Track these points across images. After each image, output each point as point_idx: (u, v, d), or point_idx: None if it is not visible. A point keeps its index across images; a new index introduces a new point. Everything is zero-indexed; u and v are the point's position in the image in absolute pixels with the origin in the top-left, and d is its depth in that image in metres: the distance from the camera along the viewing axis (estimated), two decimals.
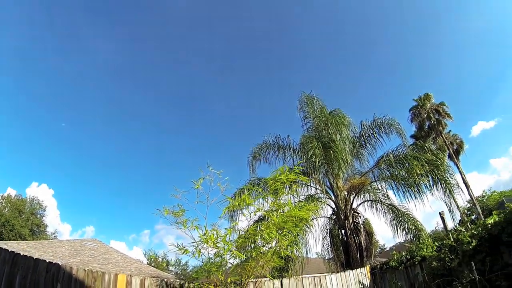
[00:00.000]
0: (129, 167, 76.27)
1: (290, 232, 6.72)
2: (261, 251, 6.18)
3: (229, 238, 6.41)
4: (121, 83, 64.34)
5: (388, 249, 65.46)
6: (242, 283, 6.71)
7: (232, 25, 63.45)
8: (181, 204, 6.57)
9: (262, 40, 66.70)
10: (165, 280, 6.64)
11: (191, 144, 74.90)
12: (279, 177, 6.72)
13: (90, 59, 59.26)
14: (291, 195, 13.26)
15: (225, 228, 6.44)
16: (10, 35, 46.80)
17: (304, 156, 13.83)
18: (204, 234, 6.40)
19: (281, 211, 6.93)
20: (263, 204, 7.22)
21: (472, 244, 7.65)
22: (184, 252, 6.60)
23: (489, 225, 7.39)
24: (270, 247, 6.48)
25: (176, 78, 67.18)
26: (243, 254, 6.58)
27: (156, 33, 62.05)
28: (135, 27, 59.07)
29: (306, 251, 15.10)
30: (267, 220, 7.05)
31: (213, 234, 6.16)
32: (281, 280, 8.48)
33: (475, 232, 7.85)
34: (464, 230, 8.71)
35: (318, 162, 13.04)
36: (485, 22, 64.93)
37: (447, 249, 8.77)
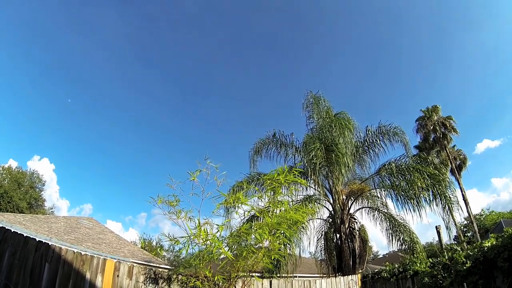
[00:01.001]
0: (132, 149, 76.01)
1: (283, 233, 6.62)
2: (252, 250, 6.08)
3: (220, 235, 6.36)
4: (129, 63, 64.04)
5: (381, 256, 65.54)
6: (230, 281, 6.64)
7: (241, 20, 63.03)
8: (176, 195, 6.52)
9: (269, 37, 66.54)
10: (153, 269, 6.58)
11: (193, 134, 74.97)
12: (277, 177, 6.61)
13: (100, 37, 58.94)
14: (287, 196, 13.39)
15: (217, 225, 6.38)
16: (21, 8, 46.45)
17: (306, 156, 13.72)
18: (195, 228, 6.34)
19: (276, 211, 6.85)
20: (258, 203, 7.18)
21: (467, 265, 7.57)
22: (175, 243, 6.56)
23: (486, 248, 7.31)
24: (262, 247, 6.37)
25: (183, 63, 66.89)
26: (234, 251, 6.51)
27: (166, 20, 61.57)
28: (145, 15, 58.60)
29: (300, 251, 14.98)
30: (261, 220, 6.94)
31: (204, 230, 6.08)
32: (271, 280, 8.43)
33: (470, 253, 7.77)
34: (459, 250, 8.65)
35: (319, 164, 12.94)
36: (497, 39, 64.56)
37: (440, 267, 8.72)
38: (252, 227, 6.45)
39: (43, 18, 51.41)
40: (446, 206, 13.10)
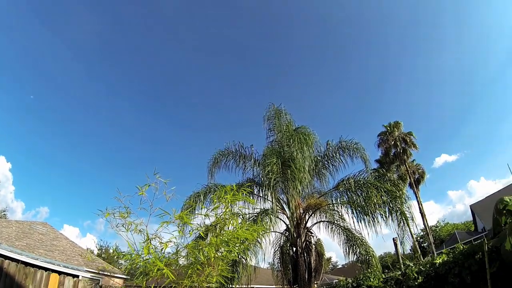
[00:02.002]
0: (93, 151, 73.72)
1: (231, 252, 6.42)
2: (198, 268, 5.85)
3: (162, 253, 6.09)
4: (98, 64, 62.35)
5: (340, 266, 66.63)
6: None
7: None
8: (128, 206, 6.22)
9: (237, 46, 66.86)
10: (100, 284, 6.24)
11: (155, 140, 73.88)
12: (224, 197, 6.41)
13: (69, 35, 57.08)
14: (245, 209, 13.15)
15: (161, 243, 6.10)
16: None
17: (263, 171, 13.57)
18: (144, 242, 6.07)
19: (229, 227, 6.65)
20: (207, 219, 6.93)
21: (418, 280, 7.64)
22: (123, 257, 6.24)
23: (437, 264, 7.39)
24: (208, 266, 6.14)
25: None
26: (179, 269, 6.25)
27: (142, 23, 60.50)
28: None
29: (257, 262, 14.78)
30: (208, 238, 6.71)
31: (147, 246, 5.79)
32: None
33: (422, 269, 7.85)
34: (411, 265, 8.75)
35: (274, 179, 12.79)
36: (457, 60, 67.91)
37: (393, 282, 8.76)
38: (199, 245, 6.19)
39: (10, 11, 49.10)
40: (402, 221, 13.26)
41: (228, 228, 6.54)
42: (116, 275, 19.34)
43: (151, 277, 5.66)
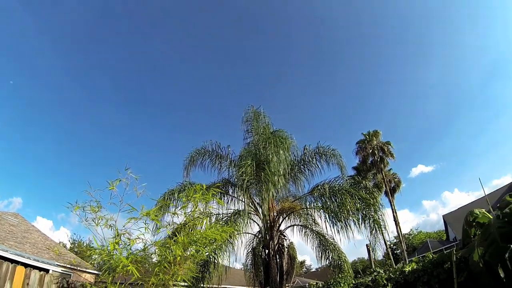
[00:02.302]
0: (71, 142, 72.04)
1: (199, 252, 6.43)
2: (165, 266, 5.83)
3: (129, 249, 6.07)
4: (80, 55, 61.17)
5: (314, 270, 67.00)
6: None
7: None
8: (99, 201, 6.18)
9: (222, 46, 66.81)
10: (66, 279, 6.17)
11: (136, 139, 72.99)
12: (193, 195, 6.42)
13: (50, 20, 55.77)
14: (216, 209, 13.10)
15: (128, 239, 6.06)
16: None
17: (237, 171, 13.63)
18: (114, 237, 6.05)
19: (196, 227, 6.65)
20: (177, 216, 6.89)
21: (388, 287, 7.80)
22: (89, 252, 6.18)
23: (407, 272, 7.53)
24: (176, 264, 6.12)
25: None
26: (147, 266, 6.22)
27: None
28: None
29: (229, 262, 14.67)
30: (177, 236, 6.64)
31: (113, 243, 5.76)
32: None
33: (392, 276, 7.96)
34: (381, 272, 8.88)
35: (247, 181, 12.80)
36: (440, 76, 69.80)
37: None
38: (166, 243, 6.16)
39: None
40: (374, 229, 13.43)
41: (197, 228, 6.56)
42: (87, 270, 19.01)
43: (118, 273, 5.65)
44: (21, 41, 52.62)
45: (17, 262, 14.12)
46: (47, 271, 14.09)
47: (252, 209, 15.43)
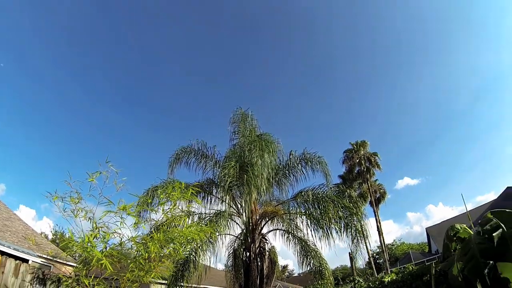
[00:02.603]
0: (62, 126, 70.86)
1: (177, 250, 6.45)
2: (140, 262, 5.84)
3: (104, 243, 6.08)
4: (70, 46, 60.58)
5: (296, 274, 67.07)
6: None
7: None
8: (79, 192, 6.18)
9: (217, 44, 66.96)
10: (42, 270, 6.17)
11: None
12: (171, 193, 6.45)
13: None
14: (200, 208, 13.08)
15: (104, 232, 6.05)
16: None
17: (221, 172, 13.62)
18: (92, 230, 6.06)
19: (175, 226, 6.69)
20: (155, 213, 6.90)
21: None
22: (63, 243, 6.16)
23: (386, 282, 7.63)
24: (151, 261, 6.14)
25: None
26: (122, 261, 6.19)
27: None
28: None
29: (209, 262, 14.61)
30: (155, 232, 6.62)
31: (87, 235, 5.76)
32: None
33: (371, 285, 8.09)
34: (361, 281, 9.03)
35: (230, 182, 12.83)
36: (431, 93, 71.11)
37: None
38: (142, 240, 6.15)
39: None
40: (356, 238, 13.53)
41: (176, 226, 6.60)
42: (68, 263, 18.80)
43: (92, 267, 5.66)
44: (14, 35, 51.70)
45: None
46: (26, 261, 13.95)
47: (235, 211, 15.47)
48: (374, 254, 60.16)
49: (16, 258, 13.96)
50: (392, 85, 76.18)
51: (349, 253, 23.56)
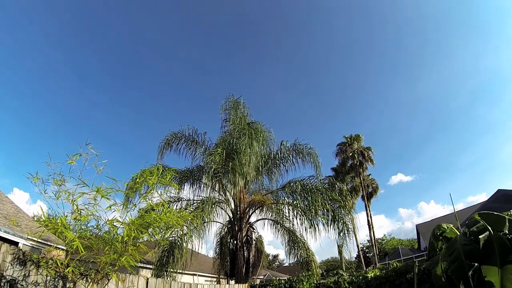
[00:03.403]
0: (53, 115, 70.12)
1: (153, 235, 6.35)
2: (116, 245, 5.74)
3: (79, 225, 5.97)
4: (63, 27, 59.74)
5: (287, 264, 67.33)
6: (100, 272, 6.23)
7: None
8: (63, 174, 6.04)
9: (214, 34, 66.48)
10: (23, 250, 6.06)
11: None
12: (148, 177, 6.32)
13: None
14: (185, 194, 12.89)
15: (79, 213, 5.93)
16: None
17: (206, 159, 13.60)
18: (73, 213, 5.94)
19: (153, 211, 6.58)
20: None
21: None
22: (45, 226, 6.05)
23: (369, 277, 7.61)
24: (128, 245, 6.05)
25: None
26: (97, 244, 6.10)
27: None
28: None
29: (196, 248, 14.55)
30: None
31: (54, 217, 5.65)
32: (148, 278, 8.14)
33: (354, 280, 8.03)
34: (345, 275, 8.99)
35: (214, 169, 12.78)
36: (429, 90, 71.11)
37: None
38: (116, 222, 6.04)
39: None
40: (343, 231, 13.52)
41: (156, 212, 6.50)
42: (60, 246, 18.66)
43: (67, 248, 5.57)
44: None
45: None
46: (16, 244, 13.93)
47: (223, 198, 15.41)
48: (364, 248, 60.59)
49: (6, 240, 13.94)
50: (389, 82, 76.01)
51: (338, 246, 23.64)
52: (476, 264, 4.32)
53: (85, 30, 59.41)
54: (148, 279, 8.10)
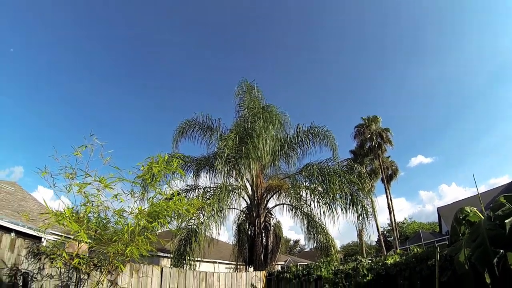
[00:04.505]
0: (77, 109, 70.81)
1: (162, 225, 6.08)
2: (124, 236, 5.49)
3: (85, 215, 5.73)
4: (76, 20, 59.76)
5: (308, 249, 67.29)
6: (111, 264, 6.04)
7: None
8: (74, 167, 5.80)
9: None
10: (37, 244, 5.91)
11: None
12: (154, 165, 5.99)
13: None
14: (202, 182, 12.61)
15: (83, 205, 5.68)
16: None
17: (219, 144, 13.36)
18: (83, 205, 5.71)
19: (161, 198, 6.30)
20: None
21: (367, 277, 7.52)
22: (57, 220, 5.81)
23: (389, 264, 7.28)
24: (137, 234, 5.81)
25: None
26: (105, 236, 5.88)
27: None
28: None
29: (216, 235, 14.36)
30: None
31: (65, 209, 5.42)
32: (162, 268, 7.97)
33: (374, 266, 7.73)
34: (363, 261, 8.67)
35: (227, 155, 12.51)
36: (449, 69, 69.19)
37: (343, 275, 8.67)
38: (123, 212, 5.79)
39: None
40: (362, 214, 13.16)
41: (167, 200, 6.22)
42: (82, 240, 18.87)
43: (74, 239, 5.40)
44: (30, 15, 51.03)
45: (11, 230, 14.41)
46: (40, 239, 14.20)
47: (239, 185, 15.18)
48: (385, 232, 60.01)
49: (30, 236, 14.14)
50: (405, 65, 74.08)
51: (358, 230, 23.34)
52: (501, 251, 3.92)
53: (95, 24, 59.32)
54: (162, 269, 7.96)
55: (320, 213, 14.25)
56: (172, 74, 69.34)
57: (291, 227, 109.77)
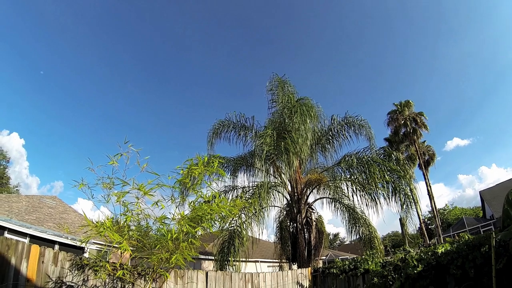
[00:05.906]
0: (111, 122, 72.95)
1: (205, 229, 5.90)
2: (168, 243, 5.35)
3: (126, 224, 5.60)
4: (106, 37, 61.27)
5: (348, 242, 66.55)
6: (155, 272, 5.95)
7: None
8: (112, 177, 5.72)
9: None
10: (80, 256, 5.86)
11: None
12: (194, 168, 5.78)
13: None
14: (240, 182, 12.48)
15: (123, 214, 5.55)
16: None
17: (256, 142, 13.22)
18: (123, 214, 5.60)
19: (207, 202, 6.10)
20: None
21: (418, 268, 7.16)
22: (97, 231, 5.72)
23: (439, 253, 6.89)
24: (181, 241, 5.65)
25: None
26: (147, 244, 5.75)
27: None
28: None
29: (258, 235, 14.10)
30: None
31: (100, 221, 5.30)
32: (207, 273, 7.81)
33: (423, 256, 7.34)
34: (412, 251, 8.28)
35: (266, 152, 12.33)
36: (474, 49, 66.43)
37: (391, 268, 8.35)
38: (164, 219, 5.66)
39: None
40: (406, 203, 12.69)
41: (210, 203, 6.04)
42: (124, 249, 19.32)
43: (118, 250, 5.29)
44: (43, 21, 52.70)
45: (55, 242, 15.29)
46: (82, 249, 14.62)
47: (278, 182, 15.07)
48: (426, 220, 58.35)
49: (73, 247, 14.55)
50: (434, 43, 71.66)
51: (400, 219, 22.64)
52: None
53: (118, 27, 60.54)
54: (207, 273, 7.83)
55: (362, 205, 13.94)
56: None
57: (329, 221, 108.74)
